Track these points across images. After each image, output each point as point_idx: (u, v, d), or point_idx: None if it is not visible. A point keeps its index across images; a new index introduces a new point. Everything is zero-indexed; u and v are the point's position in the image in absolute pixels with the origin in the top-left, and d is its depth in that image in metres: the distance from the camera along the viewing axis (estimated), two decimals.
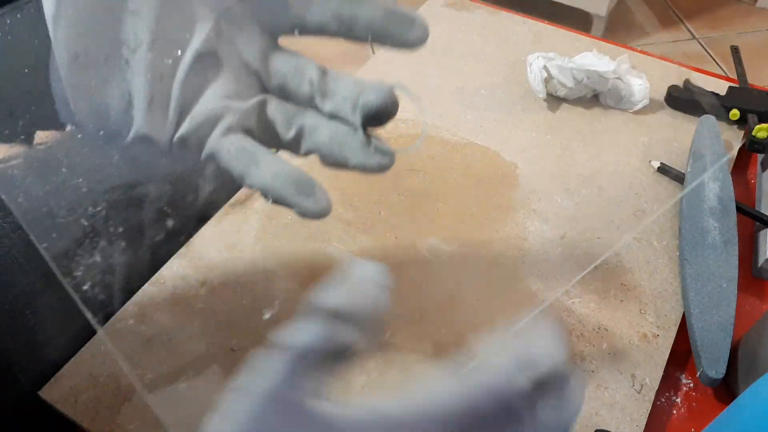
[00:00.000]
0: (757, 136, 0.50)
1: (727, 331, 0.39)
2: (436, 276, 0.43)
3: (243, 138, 0.28)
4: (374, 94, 0.28)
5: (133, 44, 0.28)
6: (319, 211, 0.27)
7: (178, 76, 0.28)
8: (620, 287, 0.43)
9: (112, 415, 0.37)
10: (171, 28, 0.28)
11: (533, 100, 0.57)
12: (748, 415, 0.25)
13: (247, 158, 0.28)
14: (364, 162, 0.28)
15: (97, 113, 0.28)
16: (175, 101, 0.28)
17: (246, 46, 0.29)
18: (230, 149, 0.28)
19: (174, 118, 0.28)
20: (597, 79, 0.54)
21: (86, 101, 0.28)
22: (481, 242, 0.46)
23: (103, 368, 0.39)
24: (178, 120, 0.28)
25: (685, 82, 0.56)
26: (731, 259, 0.42)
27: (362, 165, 0.28)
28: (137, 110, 0.28)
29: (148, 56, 0.27)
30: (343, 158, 0.28)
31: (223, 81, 0.29)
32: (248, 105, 0.28)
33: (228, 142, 0.28)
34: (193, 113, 0.28)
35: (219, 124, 0.28)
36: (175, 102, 0.28)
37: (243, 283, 0.43)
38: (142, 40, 0.27)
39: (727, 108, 0.53)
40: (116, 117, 0.28)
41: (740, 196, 0.49)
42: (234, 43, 0.29)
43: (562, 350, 0.23)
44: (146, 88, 0.28)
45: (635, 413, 0.37)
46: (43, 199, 0.28)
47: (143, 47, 0.27)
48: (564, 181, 0.50)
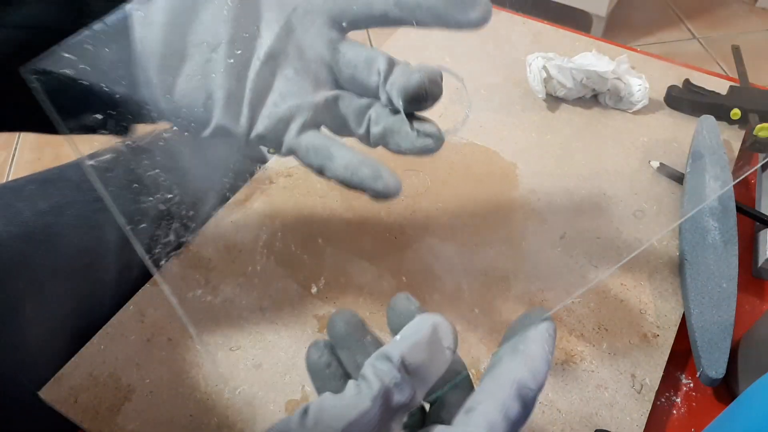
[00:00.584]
0: (759, 136, 0.50)
1: (727, 331, 0.39)
2: (436, 276, 0.43)
3: (316, 135, 0.30)
4: (413, 75, 0.29)
5: (213, 44, 0.30)
6: (389, 192, 0.29)
7: (251, 73, 0.30)
8: (620, 287, 0.43)
9: (112, 415, 0.37)
10: (246, 27, 0.30)
11: (533, 100, 0.57)
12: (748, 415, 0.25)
13: (323, 154, 0.29)
14: (411, 146, 0.29)
15: (183, 108, 0.30)
16: (248, 96, 0.30)
17: (316, 41, 0.30)
18: (307, 147, 0.30)
19: (248, 112, 0.30)
20: (596, 79, 0.54)
21: (173, 98, 0.30)
22: (481, 242, 0.46)
23: (103, 368, 0.39)
24: (251, 114, 0.30)
25: (685, 82, 0.56)
26: (731, 259, 0.42)
27: (410, 149, 0.29)
28: (216, 104, 0.30)
29: (226, 54, 0.30)
30: (395, 144, 0.30)
31: (295, 76, 0.30)
32: (320, 101, 0.30)
33: (304, 140, 0.30)
34: (268, 112, 0.30)
35: (294, 122, 0.30)
36: (248, 97, 0.30)
37: (242, 284, 0.43)
38: (221, 40, 0.29)
39: (728, 107, 0.53)
40: (198, 111, 0.30)
41: (740, 196, 0.49)
42: (304, 39, 0.30)
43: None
44: (224, 84, 0.30)
45: (635, 413, 0.37)
46: (128, 188, 0.30)
47: (222, 46, 0.29)
48: (564, 181, 0.50)
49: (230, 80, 0.30)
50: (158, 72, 0.30)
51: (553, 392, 0.38)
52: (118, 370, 0.39)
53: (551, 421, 0.37)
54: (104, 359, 0.39)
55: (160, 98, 0.30)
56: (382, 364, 0.22)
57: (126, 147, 0.31)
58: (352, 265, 0.44)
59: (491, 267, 0.44)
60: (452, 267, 0.44)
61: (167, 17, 0.30)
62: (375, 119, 0.30)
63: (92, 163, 0.30)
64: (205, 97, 0.30)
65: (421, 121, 0.30)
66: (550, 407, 0.37)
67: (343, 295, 0.42)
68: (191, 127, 0.31)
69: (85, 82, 0.29)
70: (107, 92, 0.30)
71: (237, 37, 0.30)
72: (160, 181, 0.34)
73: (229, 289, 0.43)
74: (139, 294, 0.43)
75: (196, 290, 0.42)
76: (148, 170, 0.34)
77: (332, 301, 0.42)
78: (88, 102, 0.30)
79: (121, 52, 0.30)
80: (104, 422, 0.37)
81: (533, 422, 0.37)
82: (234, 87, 0.30)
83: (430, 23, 0.29)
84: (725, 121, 0.54)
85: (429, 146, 0.29)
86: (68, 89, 0.29)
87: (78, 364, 0.39)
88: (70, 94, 0.29)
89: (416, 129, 0.29)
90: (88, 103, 0.30)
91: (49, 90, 0.28)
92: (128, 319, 0.42)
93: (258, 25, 0.30)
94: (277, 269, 0.44)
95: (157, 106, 0.31)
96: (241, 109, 0.30)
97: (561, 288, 0.43)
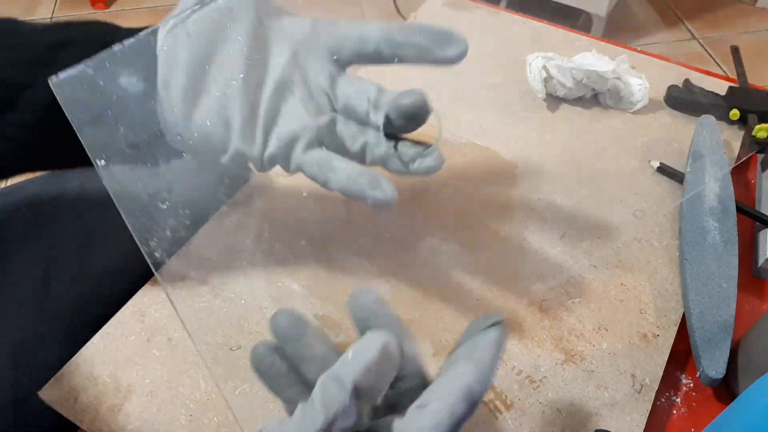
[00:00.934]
0: (758, 136, 0.50)
1: (727, 331, 0.39)
2: (436, 276, 0.43)
3: (320, 151, 0.34)
4: (405, 96, 0.32)
5: (228, 79, 0.33)
6: (386, 200, 0.32)
7: (263, 101, 0.34)
8: (620, 287, 0.43)
9: (112, 415, 0.37)
10: (258, 62, 0.34)
11: (533, 99, 0.57)
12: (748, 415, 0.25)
13: (326, 167, 0.33)
14: (415, 168, 0.33)
15: (205, 137, 0.34)
16: (261, 122, 0.33)
17: (317, 73, 0.34)
18: (312, 163, 0.33)
19: (261, 137, 0.34)
20: (596, 79, 0.54)
21: (192, 128, 0.33)
22: (481, 242, 0.46)
23: (103, 368, 0.39)
24: (264, 138, 0.34)
25: (685, 82, 0.56)
26: (731, 259, 0.42)
27: (416, 170, 0.33)
28: (234, 132, 0.33)
29: (241, 87, 0.33)
30: (397, 166, 0.34)
31: (299, 102, 0.34)
32: (321, 123, 0.34)
33: (310, 157, 0.33)
34: (278, 134, 0.34)
35: (299, 142, 0.33)
36: (262, 123, 0.33)
37: (242, 283, 0.43)
38: (235, 75, 0.33)
39: (728, 108, 0.53)
40: (217, 139, 0.33)
41: (740, 196, 0.49)
42: (308, 70, 0.34)
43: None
44: (240, 112, 0.33)
45: (635, 413, 0.37)
46: (137, 192, 0.34)
47: (237, 81, 0.33)
48: (564, 181, 0.50)
49: (245, 109, 0.33)
50: (180, 106, 0.33)
51: (553, 392, 0.38)
52: (118, 370, 0.39)
53: (551, 420, 0.37)
54: (104, 359, 0.39)
55: (180, 130, 0.34)
56: (333, 387, 0.23)
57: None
58: (352, 265, 0.44)
59: (491, 267, 0.44)
60: (452, 267, 0.44)
61: (190, 59, 0.33)
62: (372, 144, 0.34)
63: (103, 162, 0.32)
64: (223, 126, 0.33)
65: (417, 145, 0.34)
66: (550, 407, 0.37)
67: (342, 295, 0.42)
68: (209, 155, 0.35)
69: (104, 101, 0.32)
70: (127, 118, 0.33)
71: (250, 70, 0.33)
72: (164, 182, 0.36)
73: (229, 289, 0.43)
74: (139, 294, 0.43)
75: (196, 290, 0.42)
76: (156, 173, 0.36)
77: (332, 300, 0.42)
78: (108, 123, 0.33)
79: (144, 83, 0.33)
80: (104, 422, 0.37)
81: (533, 422, 0.37)
82: (248, 114, 0.33)
83: (415, 60, 0.34)
84: (725, 122, 0.54)
85: (429, 169, 0.33)
86: (90, 109, 0.32)
87: (78, 364, 0.39)
88: (91, 112, 0.32)
89: (413, 154, 0.33)
90: (108, 124, 0.33)
91: (71, 107, 0.31)
92: (128, 319, 0.42)
93: (267, 57, 0.34)
94: (277, 269, 0.44)
95: (176, 136, 0.34)
96: (255, 134, 0.34)
97: (561, 288, 0.43)
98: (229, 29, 0.33)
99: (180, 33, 0.33)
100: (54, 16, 1.86)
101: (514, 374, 0.39)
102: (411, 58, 0.34)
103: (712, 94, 0.55)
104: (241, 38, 0.34)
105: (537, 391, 0.38)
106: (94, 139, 0.32)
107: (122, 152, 0.33)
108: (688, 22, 1.82)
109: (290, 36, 0.35)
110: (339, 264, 0.44)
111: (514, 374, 0.39)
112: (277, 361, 0.28)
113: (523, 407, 0.37)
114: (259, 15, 0.34)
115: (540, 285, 0.43)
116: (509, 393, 0.38)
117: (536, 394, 0.38)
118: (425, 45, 0.33)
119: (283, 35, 0.35)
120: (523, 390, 0.38)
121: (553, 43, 0.63)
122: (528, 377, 0.39)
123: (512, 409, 0.37)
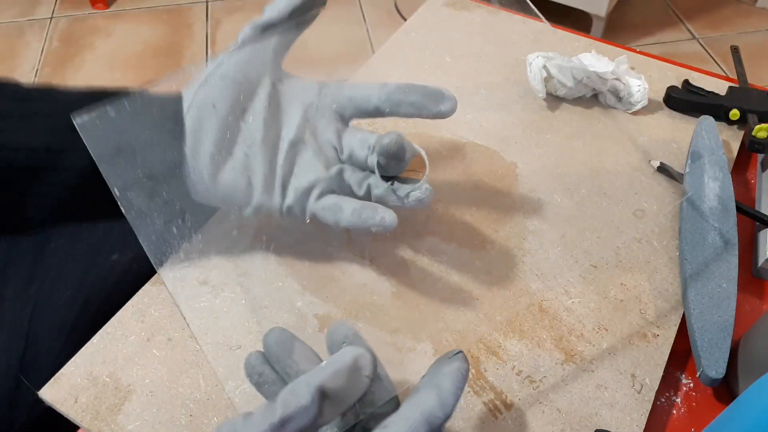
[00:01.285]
0: (757, 136, 0.50)
1: (727, 331, 0.39)
2: (436, 276, 0.43)
3: (330, 197, 0.38)
4: (384, 138, 0.37)
5: (249, 141, 0.38)
6: (387, 227, 0.36)
7: (280, 158, 0.38)
8: (620, 287, 0.43)
9: (112, 415, 0.37)
10: (274, 123, 0.39)
11: (533, 99, 0.57)
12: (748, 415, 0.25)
13: (335, 209, 0.37)
14: (403, 204, 0.37)
15: (229, 194, 0.38)
16: (279, 177, 0.38)
17: (326, 129, 0.39)
18: (324, 209, 0.37)
19: (279, 190, 0.38)
20: (596, 79, 0.54)
21: (220, 187, 0.38)
22: (481, 242, 0.46)
23: (103, 368, 0.39)
24: (282, 191, 0.38)
25: (684, 83, 0.56)
26: (731, 259, 0.42)
27: (409, 203, 0.37)
28: (256, 188, 0.38)
29: (261, 147, 0.38)
30: (394, 202, 0.37)
31: (312, 156, 0.38)
32: (332, 174, 0.38)
33: (322, 203, 0.38)
34: (294, 187, 0.38)
35: (313, 192, 0.38)
36: (280, 177, 0.38)
37: (242, 284, 0.43)
38: (255, 138, 0.38)
39: (727, 108, 0.53)
40: (239, 195, 0.38)
41: (740, 196, 0.49)
42: (317, 128, 0.39)
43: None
44: (261, 170, 0.38)
45: (635, 413, 0.37)
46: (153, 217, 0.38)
47: (257, 143, 0.38)
48: (564, 180, 0.50)
49: (265, 167, 0.38)
50: (207, 170, 0.37)
51: (553, 392, 0.38)
52: (118, 370, 0.39)
53: (551, 421, 0.37)
54: (104, 359, 0.39)
55: (206, 190, 0.38)
56: (298, 388, 0.25)
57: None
58: (351, 265, 0.44)
59: (491, 267, 0.44)
60: (452, 267, 0.44)
61: (216, 128, 0.37)
62: (373, 186, 0.38)
63: (117, 192, 0.35)
64: (245, 183, 0.38)
65: (412, 183, 0.38)
66: (550, 407, 0.37)
67: (342, 294, 0.42)
68: (232, 208, 0.39)
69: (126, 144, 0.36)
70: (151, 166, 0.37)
71: (268, 131, 0.38)
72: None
73: (229, 289, 0.43)
74: (139, 294, 0.43)
75: (196, 290, 0.42)
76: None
77: (332, 300, 0.42)
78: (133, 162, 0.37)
79: (159, 123, 0.37)
80: (104, 422, 0.37)
81: (533, 422, 0.37)
82: (268, 171, 0.38)
83: (412, 114, 0.39)
84: (724, 122, 0.54)
85: (420, 201, 0.37)
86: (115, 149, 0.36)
87: (78, 364, 0.39)
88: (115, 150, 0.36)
89: (407, 190, 0.37)
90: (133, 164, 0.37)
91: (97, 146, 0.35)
92: (128, 319, 0.42)
93: (282, 118, 0.39)
94: (278, 269, 0.44)
95: (202, 195, 0.38)
96: (274, 188, 0.38)
97: (561, 288, 0.43)
98: (248, 97, 0.38)
99: (206, 103, 0.37)
100: (54, 15, 1.86)
101: (514, 374, 0.39)
102: (407, 114, 0.39)
103: (711, 95, 0.55)
104: (260, 104, 0.38)
105: (537, 391, 0.38)
106: (113, 171, 0.35)
107: (140, 182, 0.37)
108: (688, 22, 1.82)
109: (301, 98, 0.39)
110: (339, 264, 0.44)
111: (514, 374, 0.39)
112: (267, 371, 0.31)
113: (523, 407, 0.37)
114: (273, 81, 0.39)
115: (540, 285, 0.43)
116: (509, 393, 0.38)
117: (536, 394, 0.38)
118: (420, 102, 0.38)
119: (295, 98, 0.39)
120: (523, 390, 0.38)
121: (553, 44, 0.63)
122: (528, 377, 0.39)
123: (512, 409, 0.37)
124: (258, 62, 0.39)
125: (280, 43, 0.40)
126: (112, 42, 1.78)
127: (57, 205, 0.38)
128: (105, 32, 1.81)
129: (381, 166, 0.38)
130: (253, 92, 0.38)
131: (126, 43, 1.77)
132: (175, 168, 0.37)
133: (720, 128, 0.52)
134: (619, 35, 1.76)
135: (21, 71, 1.67)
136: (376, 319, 0.41)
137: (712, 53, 1.70)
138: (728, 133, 0.54)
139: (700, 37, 1.76)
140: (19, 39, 1.77)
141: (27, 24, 1.82)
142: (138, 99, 0.36)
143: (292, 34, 0.41)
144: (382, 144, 0.37)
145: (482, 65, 0.60)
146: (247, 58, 0.38)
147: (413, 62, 0.60)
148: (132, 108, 0.36)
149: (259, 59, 0.39)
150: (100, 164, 0.35)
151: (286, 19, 0.39)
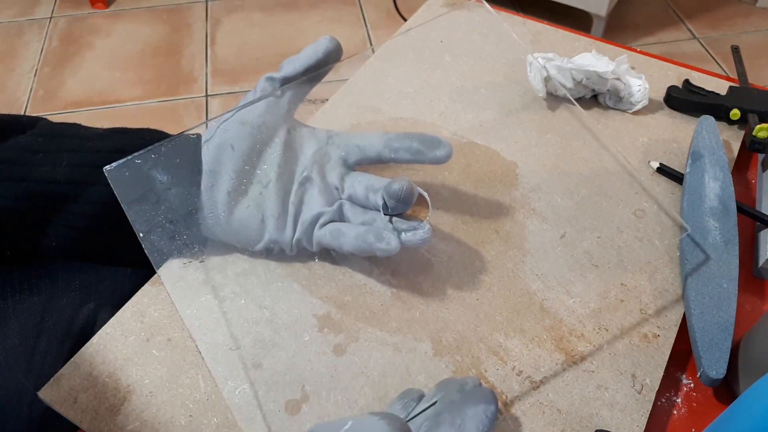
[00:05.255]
0: (758, 136, 0.50)
1: (728, 331, 0.39)
2: (436, 276, 0.43)
3: (333, 224, 0.41)
4: (394, 183, 0.39)
5: (265, 182, 0.41)
6: (391, 251, 0.38)
7: (292, 196, 0.41)
8: (620, 287, 0.43)
9: (112, 415, 0.37)
10: (287, 165, 0.42)
11: (533, 99, 0.57)
12: (748, 415, 0.25)
13: (337, 233, 0.40)
14: (407, 239, 0.39)
15: (242, 230, 0.41)
16: (291, 214, 0.41)
17: (331, 172, 0.43)
18: (326, 234, 0.40)
19: (291, 225, 0.41)
20: (596, 79, 0.54)
21: (234, 224, 0.41)
22: (481, 242, 0.46)
23: (103, 368, 0.39)
24: (293, 226, 0.41)
25: (685, 83, 0.56)
26: (731, 259, 0.42)
27: (408, 241, 0.39)
28: (269, 225, 0.41)
29: (275, 187, 0.41)
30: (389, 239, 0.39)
31: (318, 193, 0.41)
32: (333, 209, 0.41)
33: (324, 230, 0.40)
34: (302, 221, 0.41)
35: (318, 223, 0.41)
36: (291, 215, 0.41)
37: (242, 283, 0.43)
38: (271, 179, 0.41)
39: (728, 108, 0.53)
40: (252, 231, 0.41)
41: (740, 196, 0.49)
42: (324, 170, 0.43)
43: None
44: (275, 208, 0.41)
45: (635, 413, 0.37)
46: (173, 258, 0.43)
47: (272, 182, 0.41)
48: (564, 180, 0.50)
49: (278, 205, 0.41)
50: (224, 207, 0.40)
51: (553, 392, 0.38)
52: (118, 370, 0.39)
53: (551, 421, 0.37)
54: (104, 359, 0.39)
55: (220, 226, 0.41)
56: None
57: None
58: (352, 265, 0.44)
59: (491, 267, 0.44)
60: (452, 267, 0.44)
61: (234, 168, 0.40)
62: (371, 221, 0.40)
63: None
64: (259, 221, 0.41)
65: (410, 220, 0.40)
66: (550, 407, 0.37)
67: (342, 294, 0.42)
68: (244, 244, 0.42)
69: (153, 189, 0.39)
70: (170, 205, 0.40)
71: (282, 172, 0.42)
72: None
73: (229, 289, 0.43)
74: (139, 294, 0.43)
75: (196, 290, 0.42)
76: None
77: (332, 300, 0.42)
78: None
79: (181, 171, 0.40)
80: (104, 422, 0.37)
81: (534, 423, 0.37)
82: (281, 210, 0.41)
83: (411, 160, 0.42)
84: (725, 122, 0.54)
85: (421, 241, 0.39)
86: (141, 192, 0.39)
87: (78, 364, 0.39)
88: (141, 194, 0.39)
89: (408, 226, 0.39)
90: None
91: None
92: (128, 319, 0.42)
93: (295, 160, 0.43)
94: (278, 269, 0.44)
95: (216, 231, 0.41)
96: (286, 224, 0.41)
97: (561, 288, 0.43)
98: (265, 142, 0.42)
99: (224, 143, 0.40)
100: (53, 15, 1.86)
101: (514, 374, 0.39)
102: (406, 160, 0.42)
103: (712, 94, 0.55)
104: (276, 148, 0.42)
105: (537, 391, 0.38)
106: (138, 215, 0.38)
107: (162, 225, 0.40)
108: (688, 21, 1.82)
109: (311, 143, 0.43)
110: (339, 264, 0.44)
111: (515, 374, 0.39)
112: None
113: (523, 407, 0.37)
114: (288, 128, 0.43)
115: (540, 285, 0.43)
116: (509, 393, 0.38)
117: (536, 394, 0.38)
118: (418, 149, 0.41)
119: (306, 144, 0.43)
120: (523, 390, 0.38)
121: (553, 44, 0.63)
122: (528, 377, 0.39)
123: (512, 409, 0.37)
124: (274, 111, 0.42)
125: (294, 95, 0.44)
126: (112, 41, 1.78)
127: (78, 234, 0.40)
128: (104, 32, 1.81)
129: (386, 206, 0.40)
130: (270, 138, 0.42)
131: (125, 42, 1.77)
132: (194, 212, 0.41)
133: (720, 128, 0.52)
134: (620, 35, 1.76)
135: (20, 71, 1.67)
136: (376, 319, 0.41)
137: (712, 53, 1.70)
138: (729, 132, 0.54)
139: (701, 37, 1.76)
140: (19, 39, 1.77)
141: (26, 24, 1.82)
142: (161, 148, 0.39)
143: (306, 88, 0.44)
144: (393, 189, 0.39)
145: (482, 65, 0.60)
146: (264, 107, 0.42)
147: (413, 62, 0.60)
148: (156, 156, 0.39)
149: (275, 109, 0.42)
150: (127, 211, 0.37)
151: (301, 74, 0.43)
